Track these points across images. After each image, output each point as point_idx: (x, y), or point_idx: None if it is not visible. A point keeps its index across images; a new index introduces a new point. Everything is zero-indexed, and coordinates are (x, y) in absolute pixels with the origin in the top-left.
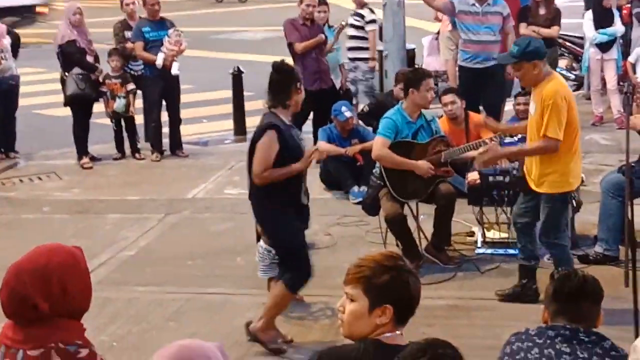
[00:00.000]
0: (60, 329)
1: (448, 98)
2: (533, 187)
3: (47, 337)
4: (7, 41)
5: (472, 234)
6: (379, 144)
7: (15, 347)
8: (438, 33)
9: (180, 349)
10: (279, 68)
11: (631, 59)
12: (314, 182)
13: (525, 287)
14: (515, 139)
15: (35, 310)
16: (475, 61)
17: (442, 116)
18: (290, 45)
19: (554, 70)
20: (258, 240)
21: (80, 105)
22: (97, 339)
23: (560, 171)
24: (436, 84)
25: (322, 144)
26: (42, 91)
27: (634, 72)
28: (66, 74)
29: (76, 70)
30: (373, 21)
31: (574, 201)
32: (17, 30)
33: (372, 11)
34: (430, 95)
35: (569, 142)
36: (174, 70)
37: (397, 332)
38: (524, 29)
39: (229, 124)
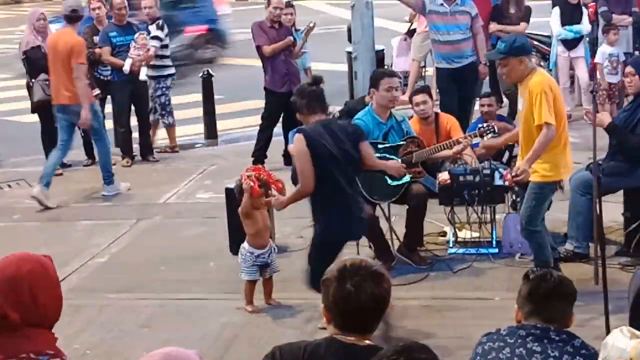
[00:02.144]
0: (31, 339)
1: (419, 98)
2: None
3: (18, 347)
4: None
5: (444, 234)
6: None
7: None
8: (407, 33)
9: (164, 358)
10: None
11: (598, 59)
12: (285, 185)
13: None
14: (485, 138)
15: (5, 320)
16: (450, 61)
17: (412, 116)
18: (258, 48)
19: (537, 66)
20: (233, 244)
21: (47, 112)
22: (70, 347)
23: (551, 162)
24: (405, 85)
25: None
26: (9, 97)
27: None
28: (32, 80)
29: (42, 76)
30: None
31: (561, 190)
32: None
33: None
34: (392, 95)
35: (556, 132)
36: (142, 75)
37: (351, 337)
38: (493, 27)
39: (200, 127)
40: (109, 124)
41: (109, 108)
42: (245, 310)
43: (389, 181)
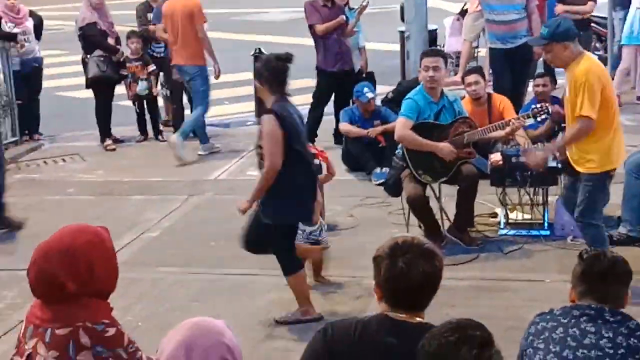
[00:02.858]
0: (87, 308)
1: (471, 78)
2: (574, 167)
3: (74, 316)
4: (30, 23)
5: (495, 215)
6: (401, 125)
7: (43, 326)
8: (460, 13)
9: (193, 326)
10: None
11: None
12: (336, 164)
13: None
14: (538, 119)
15: (62, 290)
16: (504, 41)
17: (464, 97)
18: (311, 27)
19: (585, 51)
20: None
21: (102, 88)
22: (123, 319)
23: (601, 150)
24: (457, 65)
25: (344, 126)
26: (64, 73)
27: None
28: (88, 56)
29: (97, 52)
30: None
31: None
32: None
33: None
34: (427, 75)
35: (606, 120)
36: None
37: (402, 315)
38: (559, 8)
39: (251, 105)
40: (161, 101)
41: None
42: None
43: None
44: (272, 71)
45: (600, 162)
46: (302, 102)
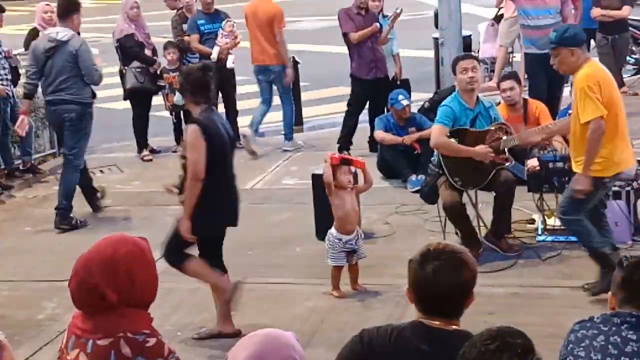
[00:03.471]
0: (128, 319)
1: (507, 84)
2: (573, 167)
3: (115, 326)
4: None
5: (532, 221)
6: (437, 132)
7: (85, 337)
8: (494, 19)
9: (266, 338)
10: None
11: None
12: (371, 171)
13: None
14: None
15: (103, 300)
16: (540, 46)
17: (499, 103)
18: (345, 35)
19: (591, 57)
20: (319, 230)
21: (139, 99)
22: (162, 328)
23: (603, 156)
24: (492, 71)
25: (379, 133)
26: (102, 85)
27: None
28: (125, 67)
29: (135, 63)
30: None
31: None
32: None
33: None
34: (467, 77)
35: (610, 127)
36: (229, 63)
37: (436, 322)
38: (595, 12)
39: None
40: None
41: None
42: (332, 295)
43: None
44: (193, 83)
45: (597, 167)
46: (337, 110)
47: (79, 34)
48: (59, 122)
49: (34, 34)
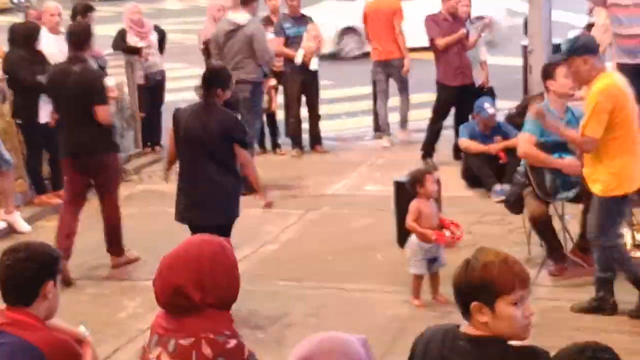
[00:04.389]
0: (210, 319)
1: None
2: (588, 186)
3: (198, 326)
4: (154, 37)
5: (620, 236)
6: (525, 141)
7: (167, 336)
8: (586, 27)
9: (321, 341)
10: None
11: None
12: (455, 179)
13: (602, 301)
14: None
15: (187, 300)
16: (633, 55)
17: None
18: (431, 41)
19: (607, 68)
20: (400, 237)
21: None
22: (241, 330)
23: (612, 173)
24: None
25: (464, 141)
26: (186, 87)
27: None
28: None
29: None
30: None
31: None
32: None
33: None
34: (569, 82)
35: (620, 143)
36: (313, 65)
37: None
38: None
39: (369, 120)
40: (280, 114)
41: (280, 99)
42: (412, 304)
43: (558, 196)
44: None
45: (605, 185)
46: (421, 117)
47: None
48: (233, 100)
49: (122, 34)
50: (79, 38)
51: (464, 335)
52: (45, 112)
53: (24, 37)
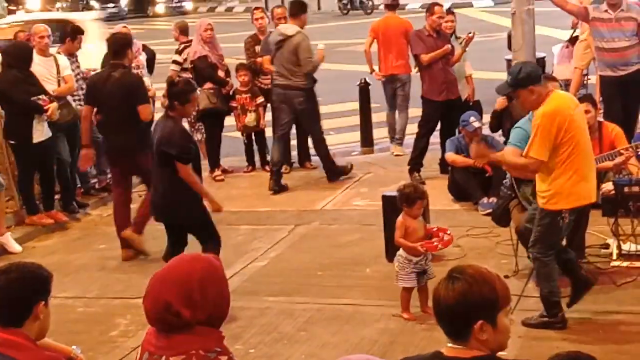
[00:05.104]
0: (200, 336)
1: (582, 107)
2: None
3: (188, 344)
4: (143, 57)
5: (606, 246)
6: (510, 154)
7: (158, 354)
8: (569, 40)
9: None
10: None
11: None
12: (442, 193)
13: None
14: None
15: (177, 318)
16: (615, 68)
17: None
18: (416, 57)
19: (555, 91)
20: (389, 251)
21: (212, 120)
22: (232, 347)
23: (554, 190)
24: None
25: (451, 155)
26: None
27: None
28: (198, 89)
29: (208, 85)
30: None
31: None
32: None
33: None
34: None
35: (564, 161)
36: None
37: (457, 346)
38: None
39: (356, 135)
40: (269, 131)
41: (268, 116)
42: (402, 318)
43: None
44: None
45: (551, 201)
46: (408, 132)
47: None
48: (288, 104)
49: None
50: (117, 46)
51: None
52: (39, 132)
53: (18, 59)
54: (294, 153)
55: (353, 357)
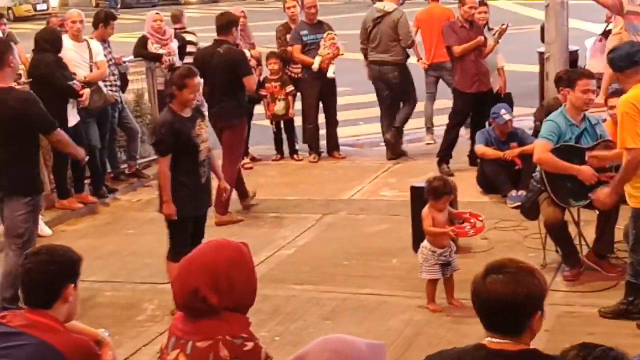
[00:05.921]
0: (227, 322)
1: (614, 101)
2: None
3: (215, 329)
4: (174, 44)
5: None
6: (540, 147)
7: (185, 339)
8: (603, 34)
9: (324, 341)
10: None
11: None
12: (470, 185)
13: (631, 305)
14: None
15: (204, 303)
16: None
17: (605, 120)
18: (448, 48)
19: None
20: (416, 242)
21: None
22: (258, 334)
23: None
24: (599, 87)
25: (480, 147)
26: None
27: None
28: None
29: None
30: None
31: None
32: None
33: None
34: (587, 97)
35: None
36: (330, 73)
37: (500, 340)
38: None
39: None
40: (298, 120)
41: (298, 105)
42: (427, 309)
43: (574, 202)
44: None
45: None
46: (438, 123)
47: None
48: (383, 80)
49: (143, 41)
50: (222, 24)
51: (509, 354)
52: (72, 116)
53: (51, 43)
54: (323, 142)
55: (331, 338)
